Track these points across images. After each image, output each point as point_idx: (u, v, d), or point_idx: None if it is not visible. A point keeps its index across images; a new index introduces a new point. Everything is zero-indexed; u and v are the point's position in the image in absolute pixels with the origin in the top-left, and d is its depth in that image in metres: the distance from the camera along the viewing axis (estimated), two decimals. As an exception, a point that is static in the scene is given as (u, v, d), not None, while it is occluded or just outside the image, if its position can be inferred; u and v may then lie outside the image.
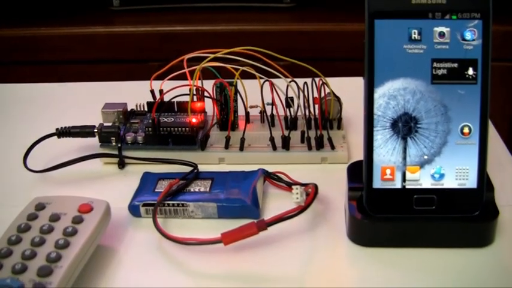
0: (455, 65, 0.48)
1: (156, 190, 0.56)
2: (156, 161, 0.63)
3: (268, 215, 0.53)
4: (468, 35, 0.47)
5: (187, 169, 0.59)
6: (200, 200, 0.55)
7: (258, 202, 0.55)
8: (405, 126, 0.49)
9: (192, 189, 0.56)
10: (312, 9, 1.32)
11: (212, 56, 0.61)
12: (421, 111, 0.49)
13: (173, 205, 0.55)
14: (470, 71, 0.48)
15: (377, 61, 0.48)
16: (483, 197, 0.50)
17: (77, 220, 0.49)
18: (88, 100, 0.78)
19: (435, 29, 0.47)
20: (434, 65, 0.48)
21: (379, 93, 0.48)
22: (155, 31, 1.27)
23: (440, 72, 0.48)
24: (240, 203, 0.54)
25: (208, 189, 0.56)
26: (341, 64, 0.98)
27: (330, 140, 0.63)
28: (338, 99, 0.66)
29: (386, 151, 0.49)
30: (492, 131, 0.67)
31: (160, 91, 0.66)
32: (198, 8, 1.31)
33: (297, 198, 0.52)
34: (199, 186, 0.56)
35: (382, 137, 0.49)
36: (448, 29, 0.47)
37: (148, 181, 0.58)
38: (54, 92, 0.84)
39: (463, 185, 0.50)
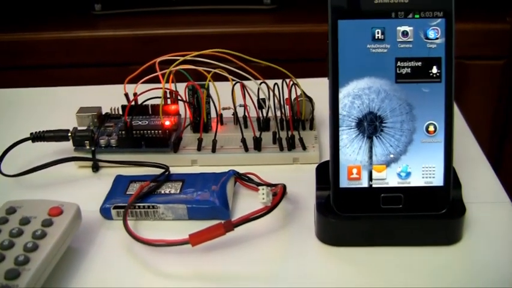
0: (419, 63, 0.48)
1: (127, 193, 0.56)
2: (128, 163, 0.63)
3: (238, 215, 0.53)
4: (431, 34, 0.48)
5: (160, 171, 0.59)
6: (170, 201, 0.55)
7: (228, 203, 0.55)
8: (370, 126, 0.49)
9: (162, 191, 0.56)
10: (293, 10, 1.32)
11: (182, 58, 0.61)
12: (386, 110, 0.49)
13: (144, 207, 0.55)
14: (434, 70, 0.48)
15: (341, 61, 0.48)
16: (450, 195, 0.50)
17: (47, 223, 0.49)
18: (65, 104, 0.77)
19: (398, 28, 0.48)
20: (398, 64, 0.48)
21: (343, 93, 0.49)
22: (138, 34, 1.27)
23: (404, 71, 0.48)
24: (210, 204, 0.54)
25: (178, 191, 0.56)
26: (324, 65, 0.98)
27: (301, 140, 0.63)
28: (310, 99, 0.66)
29: (352, 150, 0.50)
30: (464, 127, 0.68)
31: (135, 94, 0.66)
32: (180, 11, 1.31)
33: (263, 198, 0.52)
34: (170, 188, 0.57)
35: (348, 136, 0.49)
36: (411, 28, 0.48)
37: (120, 184, 0.58)
38: (32, 97, 0.84)
39: (429, 183, 0.50)
